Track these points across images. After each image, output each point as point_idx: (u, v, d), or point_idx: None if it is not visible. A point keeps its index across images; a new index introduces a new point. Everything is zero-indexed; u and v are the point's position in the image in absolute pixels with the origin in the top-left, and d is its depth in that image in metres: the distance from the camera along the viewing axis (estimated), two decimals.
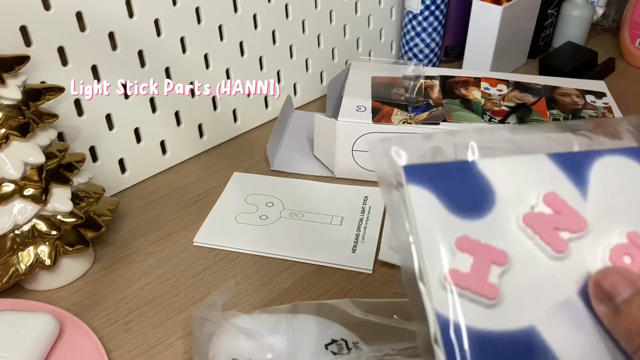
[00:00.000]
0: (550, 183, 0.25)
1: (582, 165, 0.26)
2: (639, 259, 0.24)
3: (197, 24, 0.52)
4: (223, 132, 0.59)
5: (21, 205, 0.39)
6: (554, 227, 0.24)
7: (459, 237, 0.24)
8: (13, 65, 0.38)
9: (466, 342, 0.22)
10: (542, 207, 0.25)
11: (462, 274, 0.23)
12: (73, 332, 0.38)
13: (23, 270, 0.40)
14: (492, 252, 0.24)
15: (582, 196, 0.25)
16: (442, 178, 0.25)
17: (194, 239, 0.47)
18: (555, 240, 0.24)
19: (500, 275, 0.23)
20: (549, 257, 0.24)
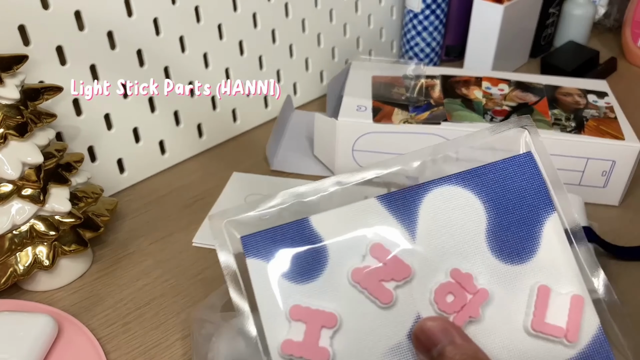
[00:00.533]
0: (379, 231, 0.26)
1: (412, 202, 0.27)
2: (460, 295, 0.25)
3: (196, 23, 0.52)
4: (222, 131, 0.59)
5: (19, 205, 0.39)
6: (380, 280, 0.25)
7: (292, 306, 0.25)
8: (11, 65, 0.38)
9: None
10: (369, 260, 0.26)
11: (295, 343, 0.24)
12: (71, 333, 0.38)
13: (21, 270, 0.40)
14: (322, 316, 0.25)
15: (411, 237, 0.26)
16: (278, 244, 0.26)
17: (193, 240, 0.47)
18: (381, 293, 0.25)
19: (332, 337, 0.25)
20: (379, 308, 0.25)
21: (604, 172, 0.49)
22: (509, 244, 0.27)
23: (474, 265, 0.26)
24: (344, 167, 0.53)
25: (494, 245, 0.27)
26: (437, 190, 0.27)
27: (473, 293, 0.26)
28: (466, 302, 0.25)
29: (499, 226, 0.27)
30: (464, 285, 0.26)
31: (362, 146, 0.51)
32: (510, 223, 0.27)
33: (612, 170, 0.48)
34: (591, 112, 0.51)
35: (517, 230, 0.27)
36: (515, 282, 0.26)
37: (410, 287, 0.26)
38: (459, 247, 0.26)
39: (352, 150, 0.51)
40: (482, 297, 0.26)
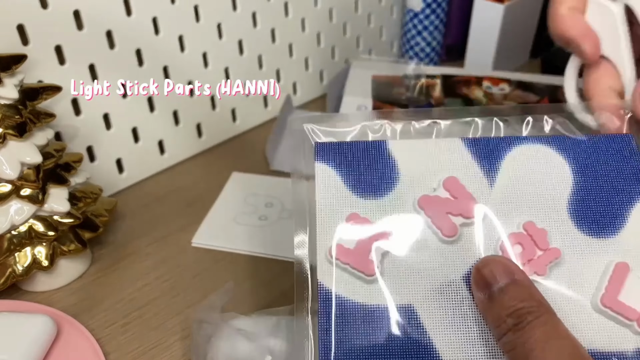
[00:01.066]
0: (456, 168, 0.26)
1: (497, 152, 0.26)
2: (529, 248, 0.24)
3: (196, 22, 0.52)
4: (222, 131, 0.59)
5: (18, 205, 0.39)
6: (447, 212, 0.25)
7: (350, 214, 0.25)
8: (10, 64, 0.38)
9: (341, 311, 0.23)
10: (441, 191, 0.25)
11: (345, 249, 0.24)
12: (70, 333, 0.38)
13: (20, 271, 0.40)
14: (378, 231, 0.24)
15: (489, 184, 0.26)
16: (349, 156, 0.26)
17: (193, 240, 0.47)
18: (445, 224, 0.25)
19: (382, 254, 0.24)
20: (439, 240, 0.25)
21: None
22: (591, 216, 0.25)
23: (550, 226, 0.25)
24: None
25: (576, 213, 0.25)
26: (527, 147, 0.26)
27: (543, 250, 0.24)
28: (534, 257, 0.24)
29: (584, 195, 0.26)
30: (535, 239, 0.24)
31: None
32: (596, 195, 0.26)
33: None
34: None
35: (603, 205, 0.25)
36: (592, 254, 0.25)
37: (477, 228, 0.25)
38: (537, 205, 0.25)
39: None
40: (553, 255, 0.24)
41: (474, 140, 0.26)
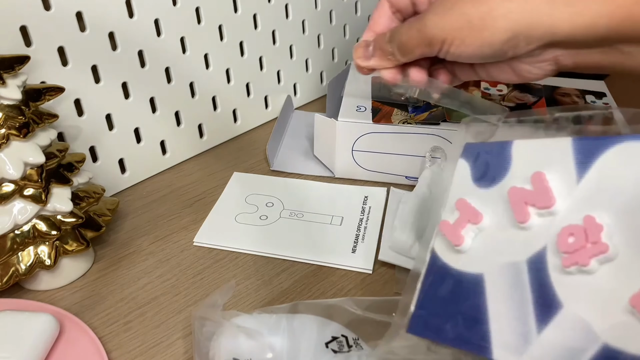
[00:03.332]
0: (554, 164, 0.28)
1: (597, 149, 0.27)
2: (580, 240, 0.25)
3: (197, 24, 0.52)
4: (223, 132, 0.59)
5: (21, 205, 0.39)
6: (525, 201, 0.28)
7: (459, 199, 0.31)
8: (13, 65, 0.38)
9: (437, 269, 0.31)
10: (526, 183, 0.29)
11: (447, 223, 0.31)
12: (73, 332, 0.38)
13: (23, 270, 0.40)
14: (473, 212, 0.30)
15: (577, 180, 0.27)
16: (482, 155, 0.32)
17: (194, 239, 0.47)
18: (519, 211, 0.28)
19: (473, 230, 0.30)
20: (513, 225, 0.29)
21: None
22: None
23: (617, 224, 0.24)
24: (343, 167, 0.53)
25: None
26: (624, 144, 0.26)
27: (593, 242, 0.25)
28: (582, 248, 0.25)
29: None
30: (588, 231, 0.25)
31: (361, 146, 0.51)
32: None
33: None
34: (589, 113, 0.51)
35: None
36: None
37: (549, 220, 0.27)
38: (613, 204, 0.25)
39: (352, 151, 0.51)
40: (600, 249, 0.24)
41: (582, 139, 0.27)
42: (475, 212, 0.30)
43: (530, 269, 0.27)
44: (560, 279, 0.26)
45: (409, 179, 0.52)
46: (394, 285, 0.43)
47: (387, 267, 0.44)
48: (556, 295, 0.25)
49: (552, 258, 0.26)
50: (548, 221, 0.27)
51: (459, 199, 0.31)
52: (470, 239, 0.30)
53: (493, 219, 0.30)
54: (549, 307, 0.25)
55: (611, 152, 0.26)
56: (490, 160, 0.31)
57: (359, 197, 0.51)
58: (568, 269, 0.25)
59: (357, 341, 0.35)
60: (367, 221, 0.49)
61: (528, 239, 0.28)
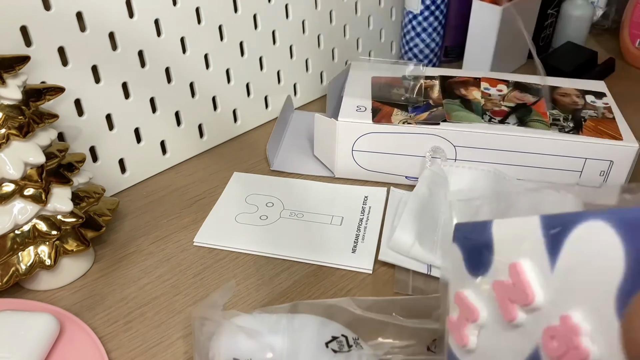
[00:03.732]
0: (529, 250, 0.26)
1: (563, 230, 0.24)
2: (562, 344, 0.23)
3: (197, 24, 0.52)
4: (223, 132, 0.59)
5: (21, 205, 0.39)
6: (509, 298, 0.26)
7: (457, 292, 0.29)
8: (13, 65, 0.38)
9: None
10: (507, 276, 0.26)
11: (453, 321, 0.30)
12: (73, 332, 0.38)
13: (23, 270, 0.40)
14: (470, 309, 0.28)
15: (551, 267, 0.24)
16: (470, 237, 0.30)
17: (194, 239, 0.47)
18: (506, 309, 0.26)
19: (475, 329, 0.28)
20: (504, 325, 0.27)
21: (602, 172, 0.49)
22: None
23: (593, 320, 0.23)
24: (343, 167, 0.53)
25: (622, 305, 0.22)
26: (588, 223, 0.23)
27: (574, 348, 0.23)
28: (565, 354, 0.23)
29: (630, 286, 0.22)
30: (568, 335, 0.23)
31: (361, 146, 0.51)
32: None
33: (610, 171, 0.49)
34: (589, 113, 0.52)
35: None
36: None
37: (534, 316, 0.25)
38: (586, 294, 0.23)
39: (352, 151, 0.51)
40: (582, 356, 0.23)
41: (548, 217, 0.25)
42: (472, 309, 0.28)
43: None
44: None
45: (409, 179, 0.52)
46: (394, 285, 0.43)
47: (387, 267, 0.44)
48: None
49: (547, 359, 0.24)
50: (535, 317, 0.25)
51: (457, 292, 0.29)
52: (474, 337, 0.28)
53: (490, 314, 0.27)
54: None
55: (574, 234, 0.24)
56: (476, 244, 0.29)
57: (359, 197, 0.51)
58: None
59: (357, 341, 0.35)
60: (367, 221, 0.49)
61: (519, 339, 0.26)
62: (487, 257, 0.28)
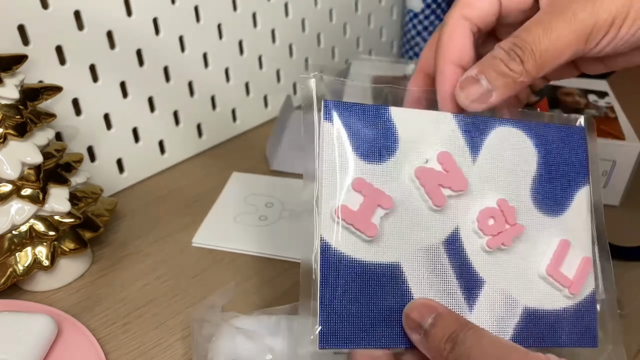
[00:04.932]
0: (447, 142, 0.28)
1: (482, 130, 0.29)
2: (500, 223, 0.28)
3: (196, 23, 0.52)
4: (222, 131, 0.59)
5: (19, 205, 0.39)
6: (439, 184, 0.28)
7: (356, 178, 0.27)
8: (10, 65, 0.38)
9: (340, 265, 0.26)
10: (434, 163, 0.28)
11: (350, 210, 0.26)
12: (71, 333, 0.38)
13: (21, 271, 0.40)
14: (381, 196, 0.27)
15: (472, 160, 0.29)
16: (356, 119, 0.28)
17: (193, 240, 0.47)
18: (436, 195, 0.28)
19: (383, 217, 0.27)
20: (428, 208, 0.28)
21: (604, 172, 0.49)
22: (547, 196, 0.30)
23: (518, 204, 0.29)
24: None
25: (535, 192, 0.29)
26: (505, 128, 0.30)
27: (511, 224, 0.28)
28: (503, 230, 0.28)
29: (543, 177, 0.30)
30: (506, 214, 0.28)
31: None
32: (552, 178, 0.30)
33: (612, 170, 0.48)
34: (591, 112, 0.51)
35: (556, 187, 0.30)
36: (544, 230, 0.29)
37: (461, 201, 0.28)
38: (508, 183, 0.29)
39: None
40: (518, 230, 0.28)
41: (463, 117, 0.29)
42: (384, 196, 0.27)
43: (448, 249, 0.28)
44: (479, 258, 0.28)
45: None
46: None
47: None
48: (477, 273, 0.28)
49: (468, 238, 0.28)
50: (459, 202, 0.28)
51: (355, 178, 0.27)
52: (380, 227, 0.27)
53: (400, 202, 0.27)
54: (474, 285, 0.28)
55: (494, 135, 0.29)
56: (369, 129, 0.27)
57: None
58: (491, 249, 0.28)
59: None
60: None
61: (441, 221, 0.28)
62: (388, 143, 0.28)
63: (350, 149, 0.27)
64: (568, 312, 0.29)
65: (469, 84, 0.28)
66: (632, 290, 0.41)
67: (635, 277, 0.42)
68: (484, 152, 0.29)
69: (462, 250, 0.28)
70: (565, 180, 0.30)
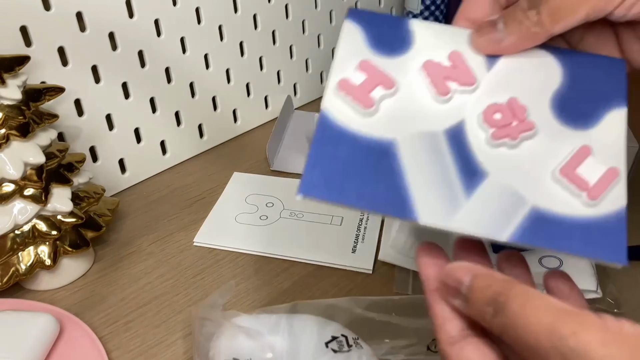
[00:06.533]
0: (463, 50, 0.29)
1: None
2: (507, 117, 0.27)
3: (197, 24, 0.52)
4: (223, 132, 0.59)
5: (21, 205, 0.39)
6: (445, 76, 0.28)
7: (363, 60, 0.28)
8: (13, 66, 0.38)
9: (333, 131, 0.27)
10: (444, 60, 0.28)
11: (351, 84, 0.27)
12: (73, 332, 0.38)
13: (23, 270, 0.40)
14: (383, 77, 0.28)
15: (487, 67, 0.28)
16: (376, 23, 0.29)
17: (194, 239, 0.47)
18: (440, 85, 0.28)
19: (383, 96, 0.27)
20: (432, 97, 0.28)
21: None
22: (570, 109, 0.28)
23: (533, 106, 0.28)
24: None
25: (557, 103, 0.28)
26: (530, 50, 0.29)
27: (520, 120, 0.27)
28: (510, 124, 0.27)
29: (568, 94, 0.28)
30: (515, 111, 0.27)
31: None
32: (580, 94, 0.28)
33: None
34: None
35: (584, 104, 0.28)
36: (562, 138, 0.27)
37: (469, 97, 0.28)
38: (524, 90, 0.28)
39: None
40: (527, 127, 0.27)
41: None
42: (387, 77, 0.28)
43: (450, 139, 0.27)
44: (483, 151, 0.27)
45: None
46: (394, 285, 0.43)
47: (387, 267, 0.44)
48: (480, 165, 0.27)
49: (472, 131, 0.27)
50: (466, 97, 0.28)
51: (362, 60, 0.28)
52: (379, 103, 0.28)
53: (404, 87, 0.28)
54: (474, 175, 0.26)
55: None
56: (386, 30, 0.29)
57: None
58: (497, 141, 0.27)
59: (357, 341, 0.35)
60: (367, 221, 0.49)
61: (445, 112, 0.28)
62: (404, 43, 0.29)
63: (365, 42, 0.29)
64: (588, 221, 0.26)
65: (486, 27, 0.28)
66: (631, 289, 0.41)
67: (633, 277, 0.43)
68: (502, 62, 0.28)
69: (466, 142, 0.27)
70: (595, 98, 0.28)
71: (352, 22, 0.29)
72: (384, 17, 0.30)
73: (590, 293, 0.40)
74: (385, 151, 0.26)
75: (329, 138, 0.27)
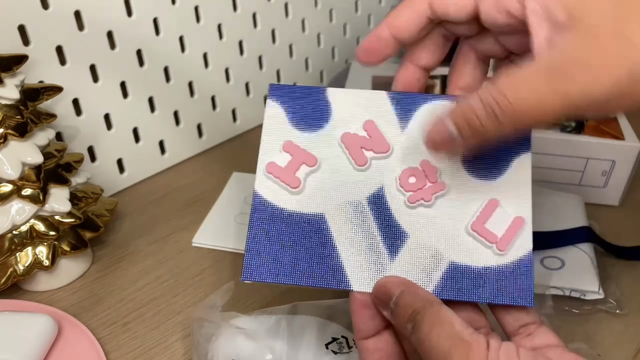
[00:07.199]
0: (377, 114, 0.31)
1: (413, 104, 0.31)
2: (421, 180, 0.30)
3: (196, 23, 0.52)
4: (222, 131, 0.59)
5: (19, 205, 0.39)
6: (361, 146, 0.30)
7: (286, 141, 0.31)
8: (11, 65, 0.38)
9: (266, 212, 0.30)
10: (360, 131, 0.31)
11: (277, 166, 0.30)
12: (71, 333, 0.38)
13: (21, 270, 0.40)
14: (306, 156, 0.31)
15: (401, 128, 0.31)
16: (296, 98, 0.32)
17: (193, 240, 0.47)
18: (358, 155, 0.30)
19: (308, 173, 0.30)
20: (353, 168, 0.30)
21: (604, 172, 0.49)
22: (480, 163, 0.30)
23: (444, 165, 0.30)
24: None
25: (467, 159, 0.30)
26: (437, 102, 0.31)
27: (432, 182, 0.30)
28: (423, 187, 0.30)
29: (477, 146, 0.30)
30: (427, 173, 0.30)
31: None
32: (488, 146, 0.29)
33: (612, 170, 0.48)
34: None
35: (493, 154, 0.30)
36: (472, 192, 0.30)
37: (384, 162, 0.30)
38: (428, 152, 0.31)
39: None
40: (439, 187, 0.30)
41: (397, 93, 0.32)
42: (309, 155, 0.30)
43: (372, 206, 0.30)
44: (403, 212, 0.30)
45: None
46: None
47: None
48: (401, 227, 0.29)
49: (392, 195, 0.30)
50: (383, 164, 0.30)
51: (286, 141, 0.31)
52: (305, 180, 0.30)
53: (326, 162, 0.31)
54: (397, 238, 0.29)
55: (423, 108, 0.31)
56: (306, 104, 0.32)
57: None
58: (413, 204, 0.29)
59: None
60: None
61: (366, 180, 0.30)
62: (323, 116, 0.31)
63: (287, 121, 0.31)
64: (499, 269, 0.29)
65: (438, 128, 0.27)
66: (632, 289, 0.41)
67: (635, 277, 0.42)
68: (414, 121, 0.31)
69: (386, 207, 0.30)
70: (503, 146, 0.30)
71: (274, 101, 0.32)
72: (302, 90, 0.32)
73: (592, 294, 0.39)
74: (317, 226, 0.29)
75: (264, 219, 0.30)
